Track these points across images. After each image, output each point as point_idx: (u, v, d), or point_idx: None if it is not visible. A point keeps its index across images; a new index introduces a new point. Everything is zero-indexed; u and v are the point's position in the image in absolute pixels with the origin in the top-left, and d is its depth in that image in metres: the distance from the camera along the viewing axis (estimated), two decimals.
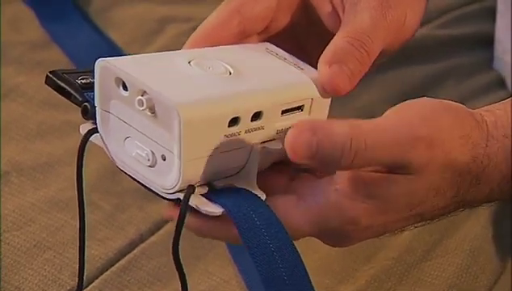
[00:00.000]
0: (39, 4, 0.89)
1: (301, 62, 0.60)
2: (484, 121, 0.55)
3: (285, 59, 0.60)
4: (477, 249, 0.70)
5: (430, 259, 0.69)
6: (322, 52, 0.58)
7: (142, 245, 0.70)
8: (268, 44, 0.61)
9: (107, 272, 0.68)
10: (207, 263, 0.69)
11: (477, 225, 0.72)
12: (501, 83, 0.85)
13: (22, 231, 0.70)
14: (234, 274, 0.68)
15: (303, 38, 0.63)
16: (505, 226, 0.72)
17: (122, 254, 0.69)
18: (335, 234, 0.55)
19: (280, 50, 0.61)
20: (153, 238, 0.71)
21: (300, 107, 0.57)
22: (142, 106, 0.51)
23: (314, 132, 0.49)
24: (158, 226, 0.71)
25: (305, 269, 0.52)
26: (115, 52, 0.85)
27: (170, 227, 0.71)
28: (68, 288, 0.67)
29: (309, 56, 0.60)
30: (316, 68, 0.58)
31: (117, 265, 0.69)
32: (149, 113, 0.51)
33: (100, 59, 0.52)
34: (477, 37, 0.88)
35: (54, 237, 0.70)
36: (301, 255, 0.54)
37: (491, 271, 0.69)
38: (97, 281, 0.67)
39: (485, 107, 0.57)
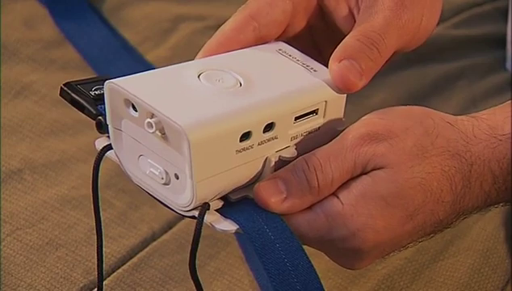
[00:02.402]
0: (53, 2, 0.89)
1: (315, 62, 0.59)
2: (461, 122, 0.56)
3: (297, 60, 0.59)
4: (489, 249, 0.70)
5: (443, 259, 0.69)
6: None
7: (154, 243, 0.70)
8: (281, 43, 0.61)
9: (119, 270, 0.68)
10: (219, 262, 0.69)
11: (489, 225, 0.72)
12: None
13: (34, 228, 0.71)
14: (246, 273, 0.68)
15: (319, 40, 0.63)
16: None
17: (134, 252, 0.69)
18: (341, 249, 0.55)
19: (293, 50, 0.60)
20: (165, 237, 0.71)
21: (314, 112, 0.57)
22: (152, 128, 0.51)
23: (274, 176, 0.54)
24: (171, 225, 0.71)
25: (320, 283, 0.52)
26: (129, 51, 0.85)
27: (183, 225, 0.71)
28: (80, 285, 0.67)
29: (326, 59, 0.60)
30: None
31: (129, 263, 0.69)
32: (160, 134, 0.51)
33: (108, 81, 0.52)
34: (490, 38, 0.88)
35: (66, 234, 0.70)
36: (315, 254, 0.54)
37: (503, 271, 0.69)
38: (109, 279, 0.67)
39: (470, 115, 0.58)
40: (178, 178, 0.52)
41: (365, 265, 0.57)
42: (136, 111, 0.52)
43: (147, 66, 0.84)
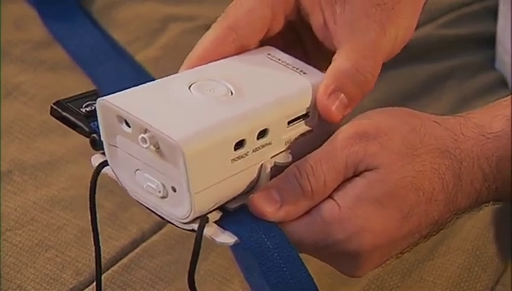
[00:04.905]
0: (42, 3, 0.89)
1: (304, 65, 0.59)
2: (448, 121, 0.57)
3: (287, 64, 0.59)
4: (479, 248, 0.70)
5: (433, 259, 0.69)
6: (318, 43, 0.60)
7: (144, 244, 0.70)
8: (269, 48, 0.61)
9: (109, 271, 0.68)
10: (210, 263, 0.69)
11: (479, 224, 0.72)
12: (503, 83, 0.85)
13: (24, 230, 0.70)
14: (237, 273, 0.68)
15: (300, 31, 0.63)
16: (507, 226, 0.72)
17: (124, 252, 0.69)
18: (339, 254, 0.55)
19: (282, 54, 0.60)
20: (155, 237, 0.71)
21: (306, 114, 0.57)
22: (146, 143, 0.51)
23: (267, 186, 0.54)
24: (161, 225, 0.71)
25: (317, 289, 0.53)
26: (118, 51, 0.85)
27: (172, 226, 0.71)
28: (70, 286, 0.67)
29: (309, 49, 0.61)
30: (316, 61, 0.58)
31: (119, 264, 0.69)
32: (154, 148, 0.51)
33: (100, 99, 0.52)
34: (480, 37, 0.88)
35: (56, 236, 0.70)
36: (306, 255, 0.54)
37: (493, 270, 0.69)
38: None
39: (457, 115, 0.58)
40: (175, 190, 0.52)
41: (365, 272, 0.57)
42: (129, 126, 0.52)
43: (137, 67, 0.84)
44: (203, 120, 0.52)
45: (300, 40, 0.63)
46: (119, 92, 0.53)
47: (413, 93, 0.82)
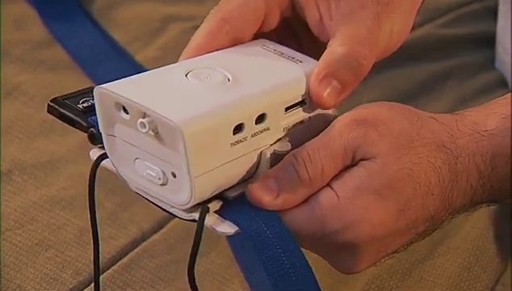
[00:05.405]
0: (42, 3, 0.89)
1: (299, 54, 0.59)
2: (445, 117, 0.57)
3: (282, 54, 0.59)
4: (479, 248, 0.70)
5: (432, 258, 0.69)
6: (314, 39, 0.60)
7: (144, 243, 0.70)
8: (264, 40, 0.61)
9: (109, 271, 0.68)
10: (210, 262, 0.69)
11: (479, 224, 0.72)
12: (503, 83, 0.85)
13: (24, 229, 0.70)
14: (237, 273, 0.68)
15: (296, 28, 0.63)
16: (507, 226, 0.72)
17: (124, 252, 0.69)
18: (335, 244, 0.55)
19: (276, 45, 0.60)
20: (155, 237, 0.71)
21: (303, 101, 0.57)
22: (145, 128, 0.51)
23: (265, 176, 0.54)
24: (161, 225, 0.71)
25: (316, 281, 0.53)
26: (118, 51, 0.85)
27: (173, 225, 0.71)
28: (70, 286, 0.67)
29: (304, 46, 0.61)
30: (312, 57, 0.59)
31: (119, 264, 0.69)
32: (153, 133, 0.51)
33: (97, 87, 0.52)
34: (480, 37, 0.88)
35: (56, 235, 0.70)
36: (305, 254, 0.54)
37: (493, 270, 0.69)
38: None
39: (454, 112, 0.58)
40: (175, 176, 0.52)
41: (362, 268, 0.57)
42: (127, 113, 0.52)
43: (136, 66, 0.84)
44: (201, 104, 0.52)
45: (295, 37, 0.63)
46: (117, 80, 0.53)
47: (412, 93, 0.82)
